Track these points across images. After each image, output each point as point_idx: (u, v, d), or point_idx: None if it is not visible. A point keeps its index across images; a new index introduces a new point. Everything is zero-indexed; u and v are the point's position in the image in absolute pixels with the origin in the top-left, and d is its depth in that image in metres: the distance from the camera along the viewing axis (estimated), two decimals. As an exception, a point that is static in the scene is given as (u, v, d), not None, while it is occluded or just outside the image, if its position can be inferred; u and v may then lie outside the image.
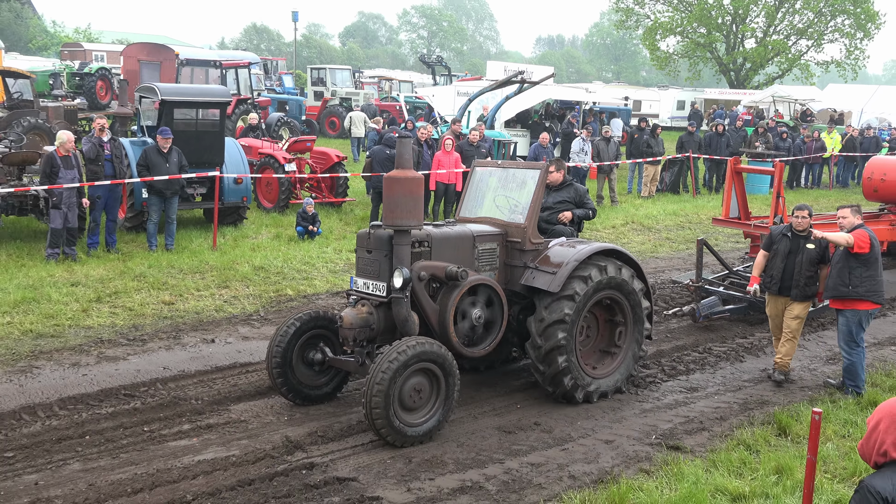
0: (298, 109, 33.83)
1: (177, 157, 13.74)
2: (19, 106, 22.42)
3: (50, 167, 12.66)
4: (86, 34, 63.44)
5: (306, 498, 6.47)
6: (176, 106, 14.63)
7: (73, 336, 9.90)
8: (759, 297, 10.17)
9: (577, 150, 20.54)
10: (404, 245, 7.57)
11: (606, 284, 8.31)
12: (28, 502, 6.28)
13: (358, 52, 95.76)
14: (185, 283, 12.11)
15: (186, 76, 27.03)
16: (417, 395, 7.20)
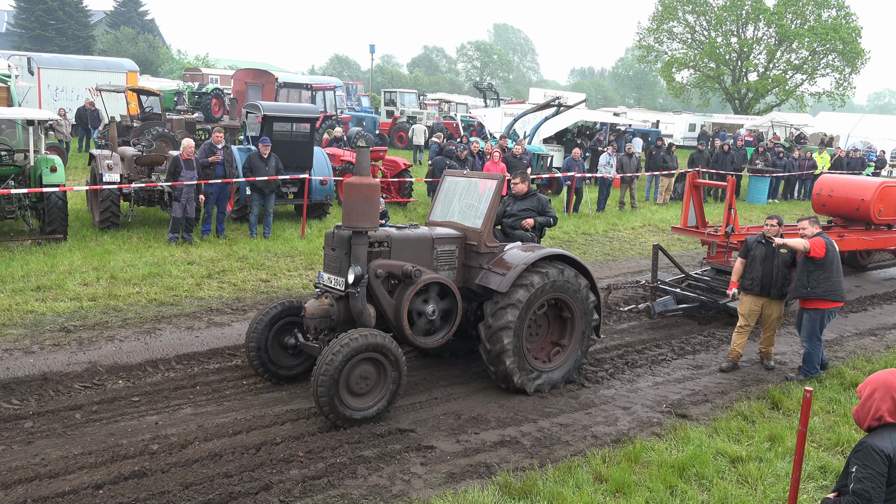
0: (373, 125, 33.91)
1: (274, 161, 13.84)
2: (150, 118, 22.84)
3: (174, 167, 12.86)
4: (204, 61, 64.44)
5: (373, 444, 6.47)
6: (275, 120, 14.72)
7: (188, 305, 10.04)
8: (734, 301, 9.61)
9: (603, 163, 20.19)
10: (361, 245, 7.08)
11: (550, 288, 7.60)
12: (150, 437, 6.39)
13: (422, 79, 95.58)
14: (278, 264, 12.19)
15: (284, 96, 27.25)
16: (365, 381, 6.66)
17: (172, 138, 20.84)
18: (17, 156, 12.93)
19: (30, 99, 27.08)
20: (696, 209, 11.78)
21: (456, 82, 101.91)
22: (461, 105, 42.72)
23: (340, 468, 6.00)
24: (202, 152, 13.54)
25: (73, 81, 29.88)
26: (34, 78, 28.89)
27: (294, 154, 14.82)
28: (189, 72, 48.76)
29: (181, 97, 28.70)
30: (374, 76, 78.24)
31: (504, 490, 5.76)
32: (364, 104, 42.39)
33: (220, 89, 32.06)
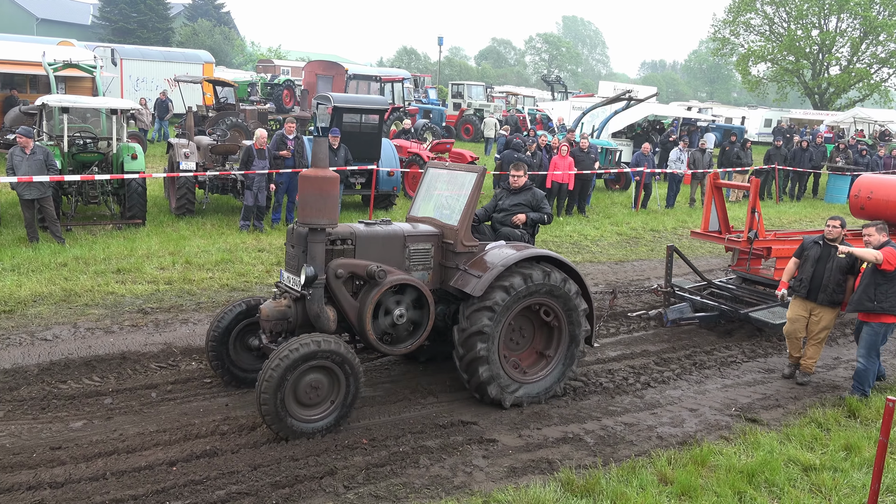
0: (440, 117, 34.00)
1: (343, 152, 14.03)
2: (224, 108, 23.45)
3: (247, 157, 13.20)
4: (276, 53, 65.86)
5: (436, 435, 6.50)
6: (345, 111, 14.92)
7: (258, 290, 10.27)
8: (784, 302, 8.87)
9: (674, 158, 19.73)
10: (317, 242, 6.44)
11: (535, 291, 6.93)
12: (220, 418, 6.57)
13: (490, 71, 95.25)
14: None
15: (353, 88, 27.57)
16: (315, 391, 6.13)
17: (245, 128, 21.36)
18: (101, 143, 13.48)
19: (112, 89, 28.19)
20: (718, 212, 10.79)
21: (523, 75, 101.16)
22: (528, 98, 42.38)
23: (403, 457, 6.06)
24: (274, 142, 13.84)
25: (153, 72, 30.95)
26: (117, 69, 30.04)
27: (363, 145, 15.00)
28: (262, 63, 49.91)
29: (254, 88, 29.38)
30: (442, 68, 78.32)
31: (566, 487, 5.71)
32: (431, 96, 42.44)
33: (291, 80, 32.67)
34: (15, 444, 5.94)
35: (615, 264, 13.45)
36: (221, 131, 17.55)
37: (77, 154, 12.98)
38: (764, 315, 9.30)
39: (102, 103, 13.85)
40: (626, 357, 8.84)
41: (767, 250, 10.36)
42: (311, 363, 6.00)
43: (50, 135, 13.40)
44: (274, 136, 14.14)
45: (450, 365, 8.19)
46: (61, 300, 9.31)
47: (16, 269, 10.21)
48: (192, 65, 31.73)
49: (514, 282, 6.81)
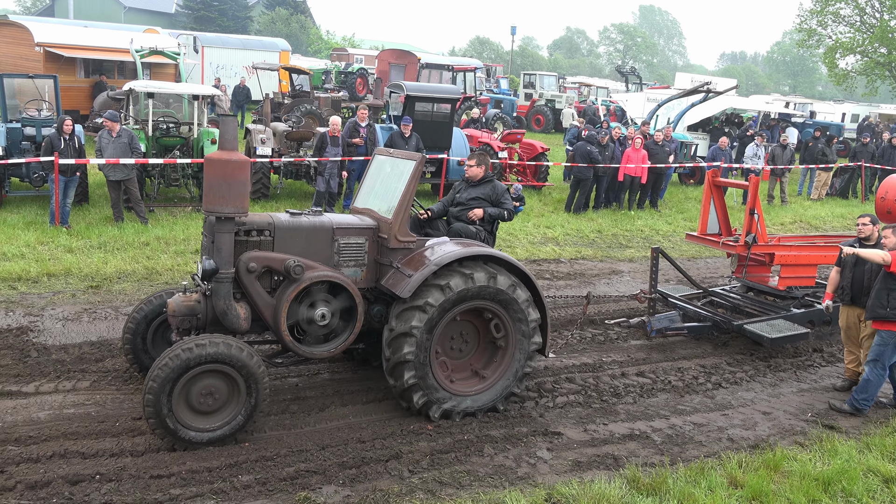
0: (511, 107, 33.82)
1: (415, 140, 14.13)
2: (299, 95, 23.92)
3: (321, 143, 13.44)
4: (350, 41, 66.65)
5: (500, 425, 6.52)
6: (417, 100, 15.02)
7: (328, 275, 10.46)
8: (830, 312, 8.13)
9: (750, 154, 19.09)
10: (224, 233, 5.86)
11: (475, 294, 6.23)
12: (290, 398, 6.76)
13: (562, 62, 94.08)
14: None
15: (425, 77, 27.69)
16: (211, 398, 5.61)
17: (319, 115, 21.74)
18: (183, 128, 13.97)
19: (194, 75, 29.11)
20: (718, 213, 9.74)
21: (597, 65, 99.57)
22: (601, 89, 41.70)
23: (467, 445, 6.11)
24: (347, 130, 14.04)
25: (232, 59, 31.80)
26: (198, 56, 30.99)
27: (434, 134, 15.06)
28: (336, 52, 50.60)
29: (328, 76, 29.81)
30: (514, 58, 77.79)
31: (632, 484, 5.65)
32: (503, 86, 42.21)
33: (364, 69, 33.03)
34: (100, 413, 6.25)
35: (687, 261, 13.14)
36: (296, 118, 17.91)
37: (160, 138, 13.49)
38: (760, 328, 8.43)
39: (186, 89, 14.34)
40: (697, 356, 8.65)
41: (770, 256, 9.23)
42: (203, 367, 5.47)
43: (136, 119, 13.96)
44: (347, 124, 14.34)
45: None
46: (143, 277, 9.72)
47: (102, 247, 10.71)
48: (270, 53, 32.45)
49: (453, 282, 6.13)
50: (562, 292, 10.56)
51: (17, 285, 9.20)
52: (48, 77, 14.47)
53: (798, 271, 9.28)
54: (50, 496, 4.97)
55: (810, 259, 9.31)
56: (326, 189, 13.52)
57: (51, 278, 9.42)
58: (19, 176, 12.83)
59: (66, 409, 6.29)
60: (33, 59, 21.94)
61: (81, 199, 12.89)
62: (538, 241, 13.30)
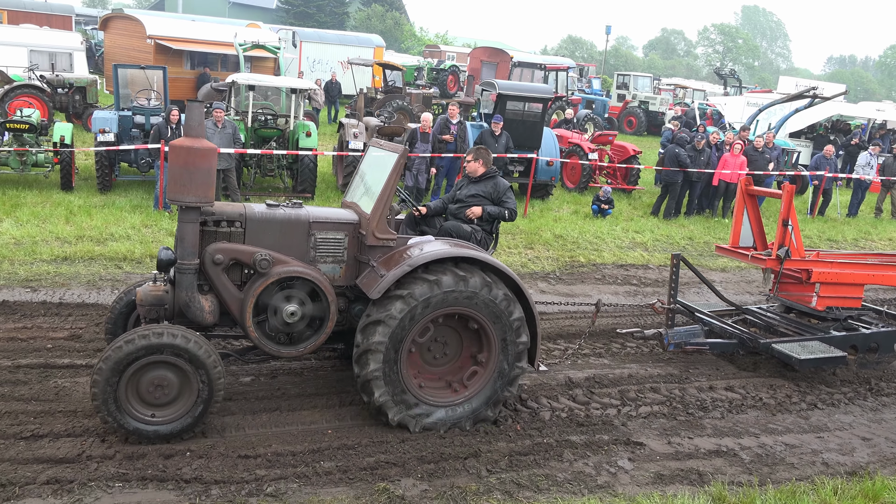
0: (603, 108, 33.26)
1: (505, 139, 14.09)
2: (392, 91, 24.22)
3: (411, 139, 13.60)
4: (443, 38, 67.11)
5: (581, 431, 6.43)
6: (509, 99, 14.96)
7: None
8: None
9: (863, 163, 18.07)
10: (188, 223, 5.69)
11: (442, 301, 5.81)
12: (373, 390, 6.86)
13: (658, 62, 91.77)
14: (500, 240, 12.42)
15: (517, 75, 27.57)
16: (161, 390, 5.45)
17: (410, 111, 21.97)
18: (280, 120, 14.41)
19: (291, 69, 30.00)
20: (752, 224, 9.02)
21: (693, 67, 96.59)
22: (698, 92, 40.39)
23: (546, 449, 6.05)
24: (437, 126, 14.14)
25: (328, 54, 32.58)
26: (296, 50, 31.91)
27: (524, 133, 14.98)
28: (428, 48, 51.03)
29: (421, 73, 30.11)
30: (608, 58, 76.43)
31: (717, 502, 5.46)
32: (595, 86, 41.54)
33: (456, 66, 33.18)
34: (193, 391, 6.51)
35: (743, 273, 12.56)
36: (388, 113, 18.17)
37: (259, 129, 13.95)
38: (790, 348, 7.84)
39: (285, 83, 14.78)
40: (790, 374, 8.23)
41: (807, 273, 8.36)
42: (150, 358, 5.34)
43: (236, 110, 14.49)
44: (437, 120, 14.43)
45: (598, 361, 8.07)
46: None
47: (200, 232, 11.17)
48: (365, 48, 33.07)
49: (416, 290, 5.75)
50: (649, 300, 10.31)
51: (123, 265, 9.72)
52: (158, 68, 15.20)
53: (840, 290, 8.51)
54: (145, 467, 5.22)
55: (855, 278, 8.50)
56: (414, 184, 13.67)
57: (153, 259, 9.90)
58: (128, 161, 13.55)
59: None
60: (145, 50, 23.15)
61: (183, 186, 13.48)
62: (626, 246, 13.03)
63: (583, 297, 10.33)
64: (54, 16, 32.53)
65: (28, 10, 33.27)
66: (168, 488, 5.05)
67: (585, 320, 9.27)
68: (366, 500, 5.16)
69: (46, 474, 5.01)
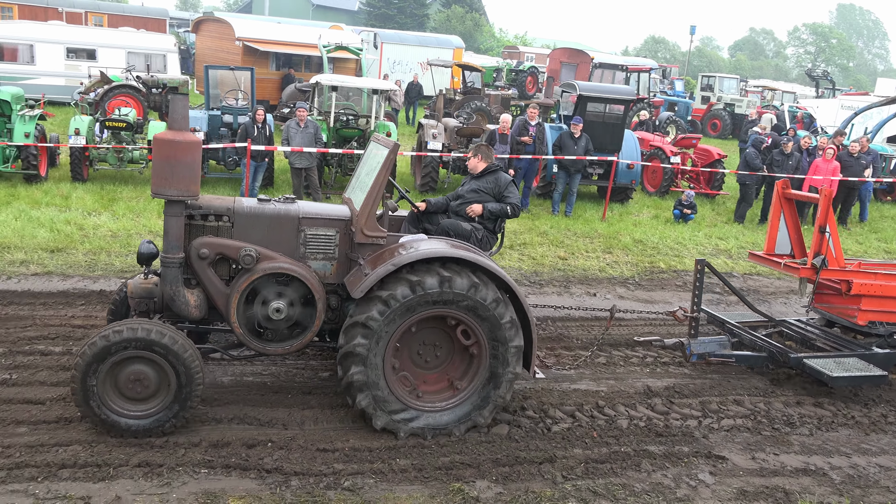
0: (685, 111, 32.40)
1: (584, 141, 13.90)
2: (470, 92, 24.28)
3: (490, 140, 13.57)
4: (522, 39, 66.83)
5: (660, 441, 6.28)
6: (589, 100, 14.76)
7: (490, 272, 10.55)
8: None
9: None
10: (172, 216, 5.64)
11: (425, 303, 5.63)
12: (448, 390, 6.90)
13: (745, 63, 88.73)
14: (577, 244, 12.29)
15: (597, 76, 27.19)
16: (139, 385, 5.42)
17: (489, 112, 21.97)
18: (361, 120, 14.65)
19: (371, 70, 30.47)
20: (789, 230, 8.45)
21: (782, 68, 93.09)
22: (788, 94, 38.86)
23: (624, 458, 5.93)
24: (516, 128, 14.08)
25: (408, 56, 32.93)
26: (377, 52, 32.39)
27: (604, 135, 14.75)
28: (508, 49, 50.93)
29: (500, 74, 30.06)
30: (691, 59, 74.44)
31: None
32: (677, 88, 40.52)
33: (535, 67, 32.96)
34: (274, 384, 6.71)
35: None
36: (467, 114, 18.21)
37: (340, 129, 14.23)
38: (822, 364, 7.41)
39: (366, 84, 15.01)
40: (884, 392, 7.80)
41: (847, 284, 7.78)
42: (128, 353, 5.33)
43: (319, 110, 14.82)
44: (516, 122, 14.38)
45: (678, 370, 7.88)
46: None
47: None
48: (444, 49, 33.26)
49: (398, 292, 5.59)
50: (733, 308, 9.99)
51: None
52: (246, 69, 15.71)
53: (884, 304, 7.88)
54: (229, 455, 5.40)
55: None
56: (492, 186, 13.64)
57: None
58: (216, 159, 14.05)
59: (245, 378, 6.80)
60: (233, 52, 23.95)
61: (267, 183, 13.88)
62: (709, 253, 12.65)
63: (663, 303, 10.10)
64: (150, 19, 34.06)
65: (126, 13, 34.97)
66: (250, 477, 5.21)
67: (665, 328, 9.07)
68: (440, 499, 5.19)
69: (138, 457, 5.24)
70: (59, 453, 5.21)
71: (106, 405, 5.39)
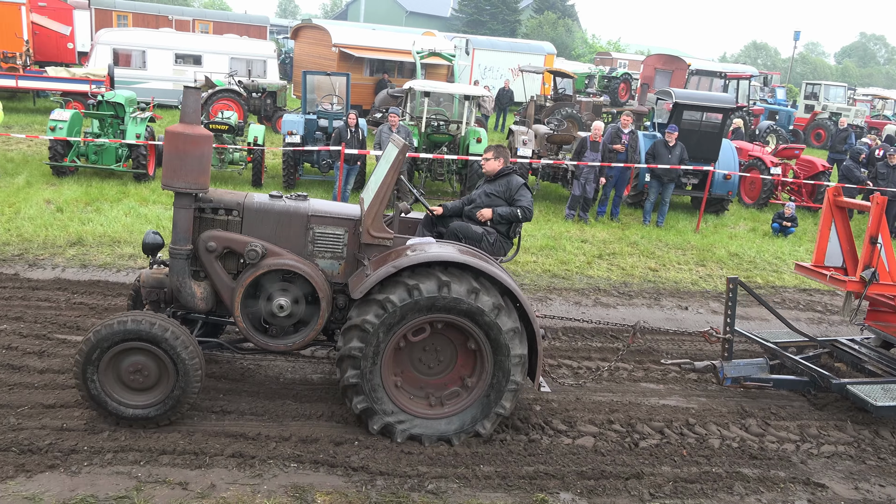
0: (787, 119, 31.06)
1: (679, 150, 13.54)
2: (561, 99, 24.09)
3: (580, 147, 13.42)
4: (615, 45, 65.89)
5: (754, 464, 6.03)
6: (686, 108, 14.38)
7: (577, 281, 10.43)
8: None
9: None
10: (181, 208, 5.70)
11: (423, 308, 5.49)
12: (533, 398, 6.80)
13: (853, 70, 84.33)
14: (668, 255, 11.98)
15: (693, 84, 26.43)
16: (140, 375, 5.49)
17: (579, 119, 21.73)
18: (452, 126, 14.76)
19: (462, 76, 30.66)
20: (841, 242, 7.84)
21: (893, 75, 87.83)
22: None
23: (715, 479, 5.72)
24: (609, 136, 13.85)
25: (499, 62, 32.96)
26: (468, 58, 32.57)
27: (701, 144, 14.33)
28: (600, 56, 50.22)
29: (592, 80, 29.68)
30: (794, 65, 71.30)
31: (913, 561, 4.90)
32: (778, 96, 38.90)
33: (629, 74, 32.38)
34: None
35: None
36: (557, 121, 18.06)
37: (431, 134, 14.38)
38: (868, 391, 6.81)
39: (458, 90, 15.11)
40: None
41: None
42: (126, 344, 5.40)
43: (411, 115, 15.03)
44: (608, 129, 14.14)
45: (772, 392, 7.55)
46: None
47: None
48: (536, 56, 33.10)
49: (394, 296, 5.48)
50: (834, 329, 9.49)
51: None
52: (342, 74, 16.10)
53: None
54: (317, 451, 5.53)
55: None
56: (582, 194, 13.48)
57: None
58: (311, 162, 14.46)
59: (333, 376, 6.90)
60: (329, 58, 24.61)
61: (358, 186, 14.17)
62: (810, 269, 12.05)
63: (759, 320, 9.70)
64: (252, 26, 35.48)
65: (231, 21, 36.54)
66: (337, 474, 5.31)
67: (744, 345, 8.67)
68: (523, 509, 5.14)
69: (232, 448, 5.44)
70: (160, 440, 5.46)
71: (107, 392, 5.48)
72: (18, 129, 17.38)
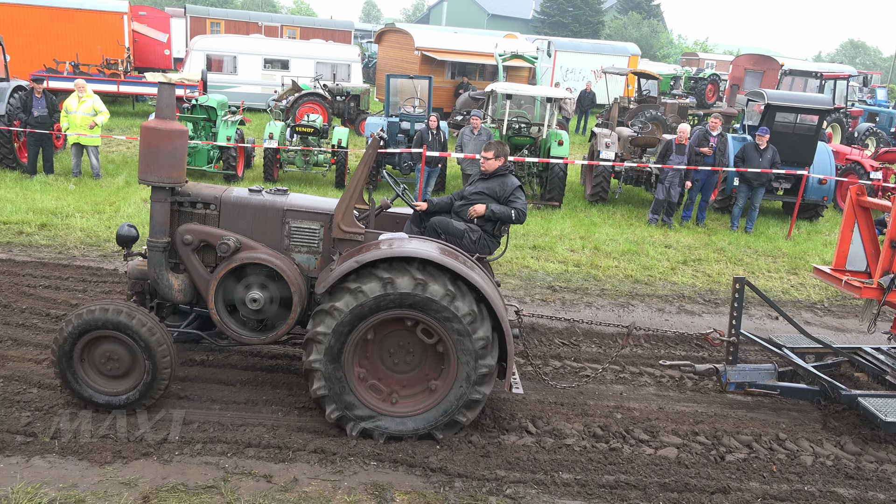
0: (889, 122, 29.41)
1: (771, 153, 13.03)
2: (646, 100, 23.56)
3: (665, 150, 13.10)
4: (703, 46, 64.03)
5: (849, 484, 5.72)
6: (779, 110, 13.82)
7: (661, 287, 10.18)
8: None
9: None
10: (157, 202, 5.83)
11: (395, 303, 5.36)
12: (613, 405, 6.70)
13: (962, 70, 79.13)
14: (757, 262, 11.53)
15: (786, 84, 25.38)
16: (113, 363, 5.64)
17: (664, 122, 21.19)
18: (533, 128, 14.67)
19: (543, 79, 30.44)
20: (865, 244, 7.24)
21: None
22: None
23: (808, 497, 5.46)
24: (696, 138, 13.47)
25: (581, 63, 32.58)
26: (550, 59, 32.32)
27: (794, 148, 13.75)
28: (686, 56, 48.92)
29: (677, 82, 28.93)
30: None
31: None
32: (879, 97, 36.87)
33: (717, 75, 31.39)
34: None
35: None
36: (641, 123, 17.67)
37: (512, 137, 14.33)
38: (879, 405, 6.28)
39: (541, 92, 15.01)
40: None
41: None
42: (98, 332, 5.57)
43: (492, 118, 15.02)
44: (695, 132, 13.75)
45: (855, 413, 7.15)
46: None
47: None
48: (619, 57, 32.54)
49: (368, 286, 5.36)
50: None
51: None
52: (424, 78, 16.24)
53: None
54: (397, 451, 5.55)
55: None
56: (666, 198, 13.15)
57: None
58: (392, 164, 14.64)
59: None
60: (412, 61, 24.89)
61: (439, 188, 14.27)
62: (913, 280, 11.36)
63: (855, 332, 9.21)
64: (337, 31, 36.28)
65: (317, 26, 37.47)
66: (416, 474, 5.35)
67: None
68: (603, 518, 5.04)
69: (314, 444, 5.55)
70: (246, 433, 5.63)
71: (82, 379, 5.68)
72: (119, 131, 18.35)
